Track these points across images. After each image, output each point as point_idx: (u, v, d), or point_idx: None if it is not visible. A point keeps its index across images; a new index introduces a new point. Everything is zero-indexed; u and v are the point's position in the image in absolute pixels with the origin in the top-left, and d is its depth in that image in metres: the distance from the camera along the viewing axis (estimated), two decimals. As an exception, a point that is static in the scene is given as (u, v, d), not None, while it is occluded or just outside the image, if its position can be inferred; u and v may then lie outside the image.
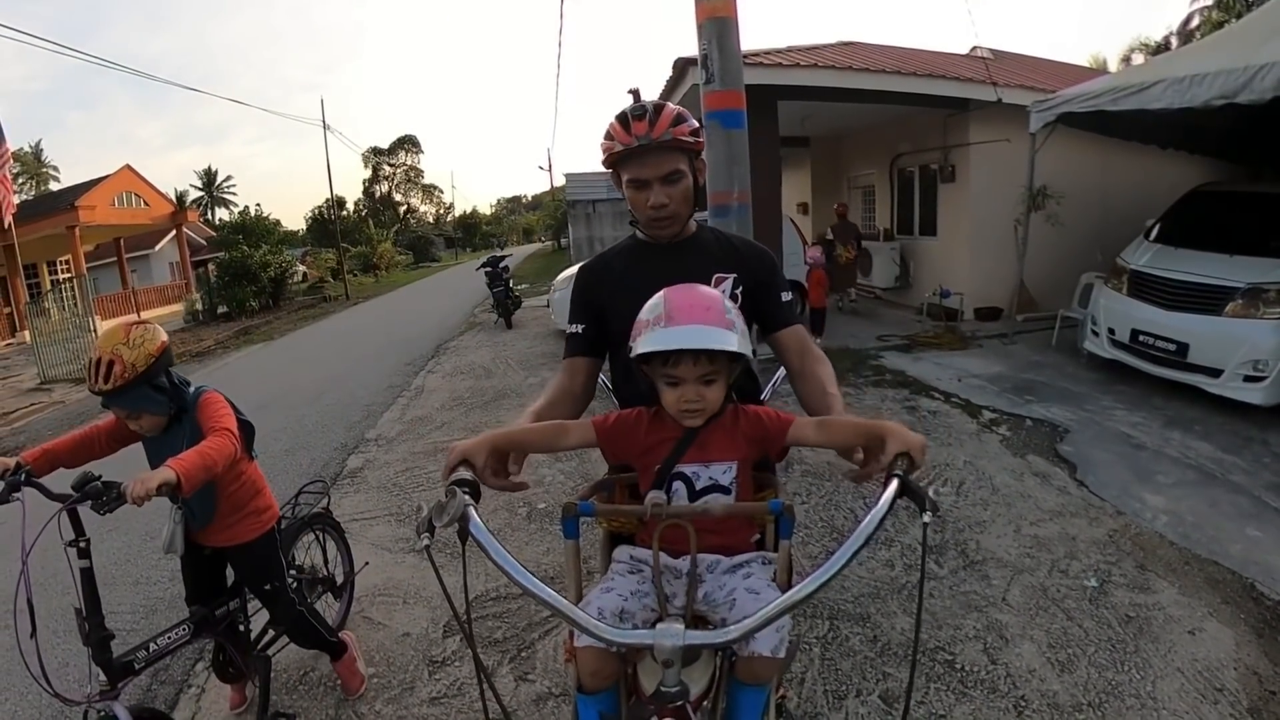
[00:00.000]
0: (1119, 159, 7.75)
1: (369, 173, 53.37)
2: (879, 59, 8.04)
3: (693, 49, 4.76)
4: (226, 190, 50.67)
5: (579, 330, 1.61)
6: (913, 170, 9.50)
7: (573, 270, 9.43)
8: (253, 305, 19.34)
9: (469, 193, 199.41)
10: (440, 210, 58.57)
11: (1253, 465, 3.77)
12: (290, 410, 6.83)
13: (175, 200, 26.24)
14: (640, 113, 1.45)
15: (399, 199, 55.35)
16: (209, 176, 49.76)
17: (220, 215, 46.30)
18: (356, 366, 9.03)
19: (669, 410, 1.26)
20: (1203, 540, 3.04)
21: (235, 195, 52.37)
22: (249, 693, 2.39)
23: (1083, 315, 6.04)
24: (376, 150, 53.24)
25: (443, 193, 58.82)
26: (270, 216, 29.38)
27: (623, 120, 1.46)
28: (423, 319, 13.54)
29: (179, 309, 20.60)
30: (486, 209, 78.50)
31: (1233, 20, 15.42)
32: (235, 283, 19.02)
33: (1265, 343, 4.27)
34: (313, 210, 41.96)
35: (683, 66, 7.18)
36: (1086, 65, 16.65)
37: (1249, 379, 4.34)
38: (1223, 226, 5.25)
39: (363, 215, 46.69)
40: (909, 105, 7.67)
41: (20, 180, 35.96)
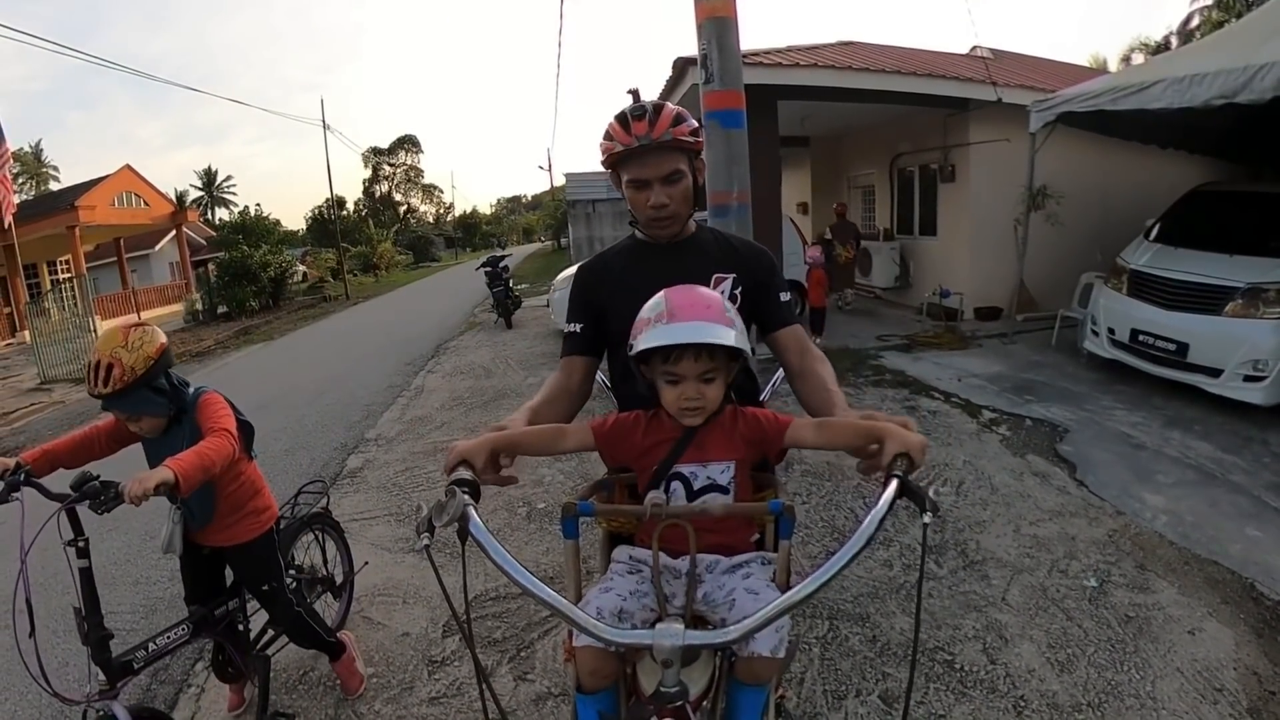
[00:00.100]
0: (1119, 159, 7.74)
1: (369, 173, 53.43)
2: (879, 59, 8.04)
3: (692, 49, 4.76)
4: (226, 190, 50.72)
5: (577, 329, 1.61)
6: (912, 170, 9.50)
7: (572, 270, 9.33)
8: (253, 305, 19.34)
9: (469, 193, 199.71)
10: (440, 210, 58.58)
11: (1252, 465, 3.77)
12: (290, 410, 6.83)
13: (175, 200, 26.22)
14: (640, 113, 1.45)
15: (399, 199, 55.33)
16: (209, 176, 49.76)
17: (220, 215, 46.32)
18: (356, 366, 9.03)
19: (669, 409, 1.26)
20: (1202, 540, 3.04)
21: (235, 195, 52.50)
22: (248, 694, 2.39)
23: (1083, 315, 6.04)
24: (376, 150, 53.24)
25: (443, 192, 58.90)
26: (270, 216, 29.49)
27: (622, 120, 1.45)
28: (423, 319, 13.53)
29: (179, 309, 20.59)
30: (486, 209, 78.59)
31: (1233, 20, 15.41)
32: (235, 283, 19.01)
33: (1265, 342, 4.28)
34: (313, 210, 42.02)
35: (682, 66, 7.18)
36: (1086, 65, 16.63)
37: (1249, 379, 4.34)
38: (1223, 226, 5.25)
39: (363, 215, 46.68)
40: (909, 105, 7.67)
41: (20, 180, 35.96)
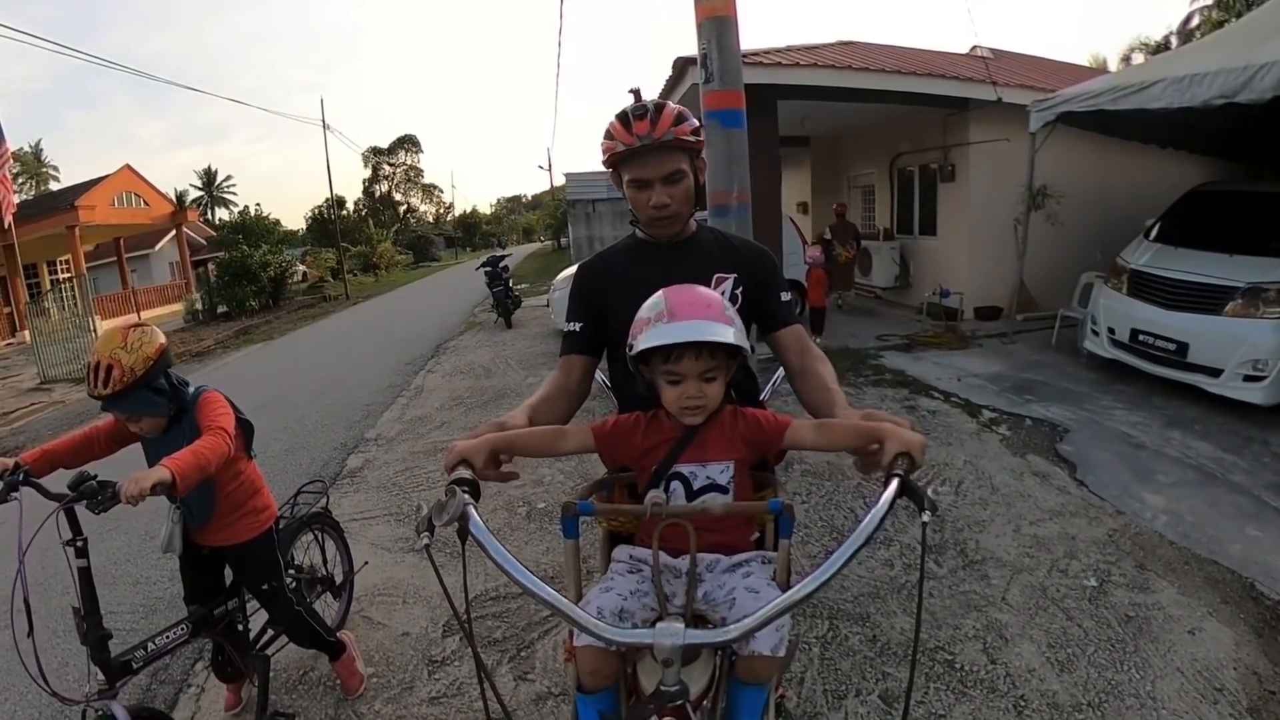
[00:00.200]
0: (1119, 159, 7.74)
1: (369, 172, 53.43)
2: (879, 58, 8.04)
3: (692, 48, 4.76)
4: (226, 190, 50.70)
5: (577, 328, 1.61)
6: (912, 170, 9.50)
7: (572, 270, 9.33)
8: (252, 305, 19.32)
9: (469, 192, 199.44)
10: (440, 210, 58.56)
11: (1252, 465, 3.77)
12: (290, 410, 6.83)
13: (175, 200, 26.20)
14: (641, 112, 1.44)
15: (399, 199, 55.31)
16: (209, 176, 49.75)
17: (220, 215, 46.29)
18: (356, 366, 9.02)
19: (670, 408, 1.26)
20: (1202, 540, 3.04)
21: (235, 195, 52.43)
22: (245, 693, 2.39)
23: (1082, 315, 6.04)
24: (376, 150, 53.23)
25: (442, 192, 58.89)
26: (270, 216, 29.47)
27: (623, 120, 1.45)
28: (422, 318, 13.53)
29: (179, 309, 20.58)
30: (486, 208, 78.55)
31: (1233, 20, 15.41)
32: (235, 282, 19.00)
33: (1265, 342, 4.27)
34: (313, 210, 42.01)
35: (682, 66, 7.17)
36: (1086, 65, 16.61)
37: (1249, 378, 4.34)
38: (1223, 226, 5.25)
39: (363, 215, 46.67)
40: (909, 105, 7.66)
41: (20, 180, 35.94)
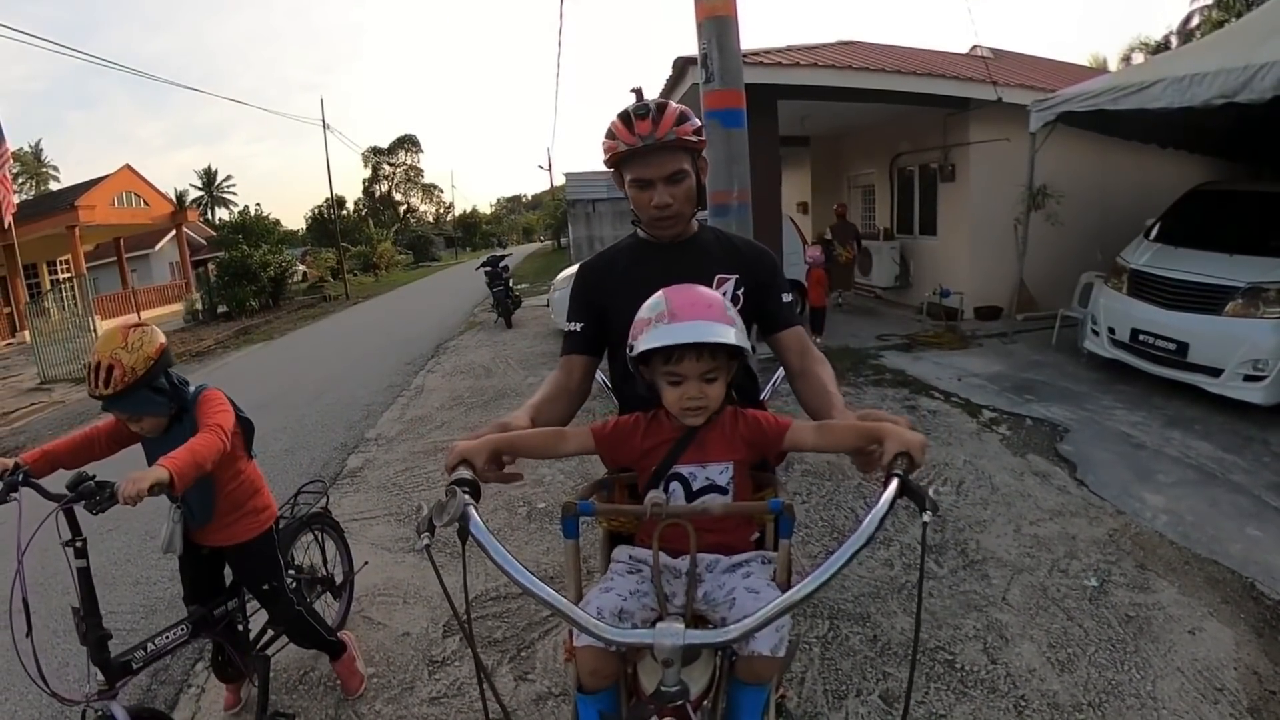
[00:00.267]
0: (1119, 158, 7.74)
1: (369, 172, 53.43)
2: (879, 58, 8.04)
3: (693, 48, 4.76)
4: (226, 190, 50.69)
5: (578, 328, 1.60)
6: (912, 169, 9.49)
7: (572, 269, 9.37)
8: (252, 305, 19.32)
9: (469, 192, 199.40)
10: (440, 210, 58.55)
11: (1253, 465, 3.77)
12: (290, 410, 6.83)
13: (175, 200, 26.20)
14: (643, 112, 1.43)
15: (399, 198, 55.32)
16: (209, 176, 49.74)
17: (220, 215, 46.29)
18: (356, 366, 9.02)
19: (671, 409, 1.26)
20: (1203, 540, 3.04)
21: (235, 195, 52.45)
22: (245, 694, 2.39)
23: (1083, 314, 6.04)
24: (376, 150, 53.23)
25: (442, 192, 58.89)
26: (270, 216, 29.45)
27: (625, 119, 1.44)
28: (422, 318, 13.53)
29: (179, 309, 20.58)
30: (486, 208, 78.54)
31: (1233, 19, 15.41)
32: (235, 282, 19.00)
33: (1265, 342, 4.27)
34: (313, 210, 42.01)
35: (682, 66, 7.18)
36: (1086, 64, 16.62)
37: (1249, 378, 4.34)
38: (1223, 226, 5.25)
39: (363, 215, 46.68)
40: (909, 104, 7.66)
41: (20, 180, 35.93)
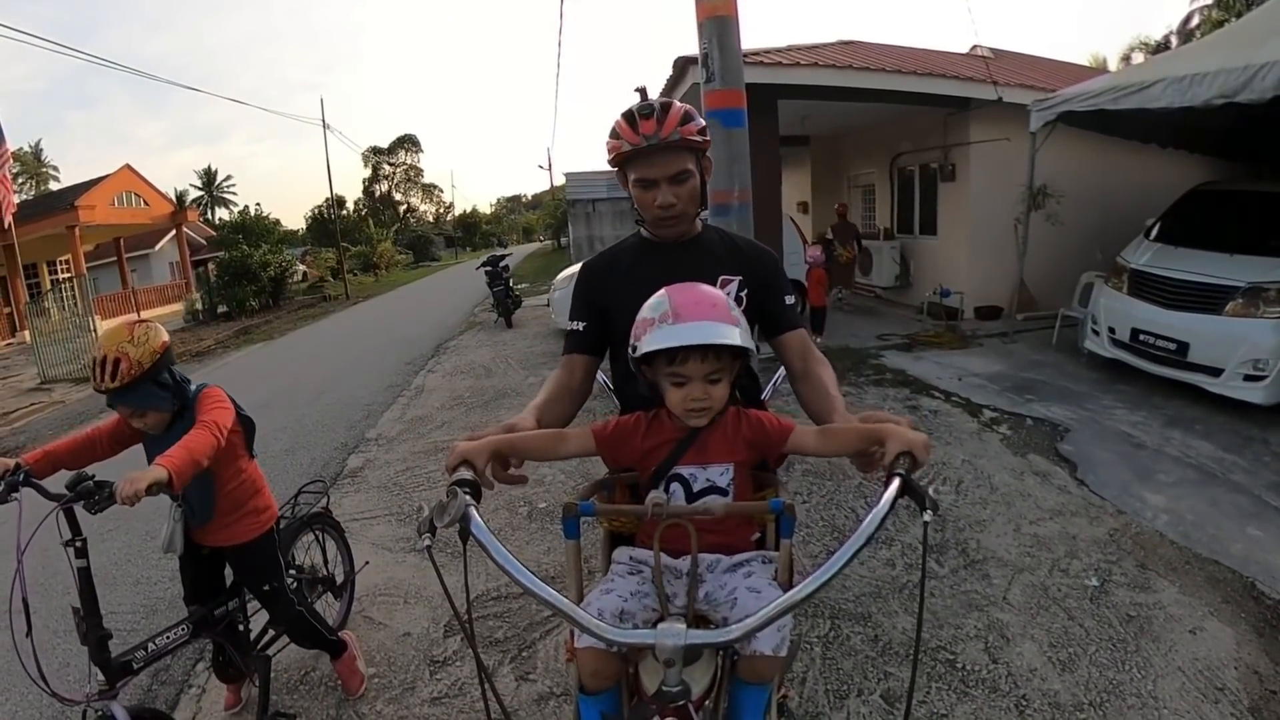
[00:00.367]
0: (1119, 158, 7.74)
1: (369, 172, 53.41)
2: (879, 58, 8.04)
3: (693, 48, 4.76)
4: (226, 190, 50.69)
5: (580, 327, 1.60)
6: (913, 169, 9.49)
7: (572, 269, 9.43)
8: (253, 305, 19.32)
9: (469, 192, 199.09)
10: (440, 209, 58.54)
11: (1253, 464, 3.77)
12: (290, 409, 6.83)
13: (175, 200, 26.20)
14: (648, 111, 1.43)
15: (399, 198, 55.31)
16: (209, 176, 49.74)
17: (220, 215, 46.30)
18: (357, 366, 9.02)
19: (674, 410, 1.25)
20: (1203, 539, 3.04)
21: (235, 195, 52.46)
22: (246, 694, 2.39)
23: (1083, 314, 6.04)
24: (376, 150, 53.23)
25: (442, 192, 58.87)
26: (270, 216, 29.48)
27: (630, 119, 1.44)
28: (423, 318, 13.53)
29: (179, 308, 20.58)
30: (486, 208, 78.50)
31: (1233, 19, 15.41)
32: (235, 282, 19.00)
33: (1265, 342, 4.27)
34: (313, 210, 42.00)
35: (683, 65, 7.17)
36: (1086, 64, 16.61)
37: (1249, 378, 4.34)
38: (1223, 225, 5.25)
39: (362, 215, 46.63)
40: (909, 104, 7.66)
41: (20, 180, 35.93)
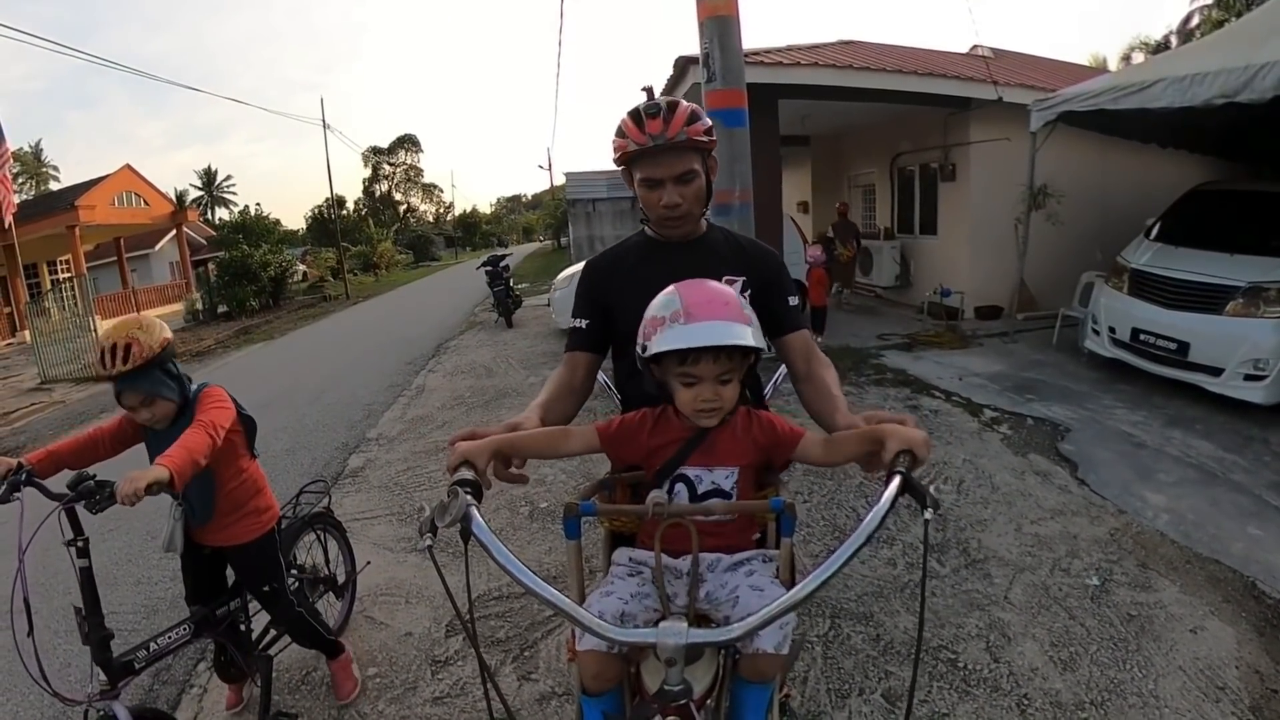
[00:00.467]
0: (1119, 158, 7.74)
1: (369, 172, 53.47)
2: (879, 58, 8.04)
3: (694, 48, 4.76)
4: (226, 190, 50.71)
5: (583, 325, 1.60)
6: (913, 169, 9.49)
7: (573, 269, 9.44)
8: (253, 305, 19.32)
9: (469, 192, 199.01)
10: (440, 209, 58.55)
11: (1254, 464, 3.77)
12: (291, 409, 6.83)
13: (175, 200, 26.18)
14: (654, 111, 1.42)
15: (399, 198, 55.35)
16: (209, 176, 49.75)
17: (220, 215, 46.32)
18: (357, 366, 9.02)
19: (684, 410, 1.23)
20: (1204, 539, 3.04)
21: (235, 195, 52.49)
22: (247, 694, 2.39)
23: (1083, 314, 6.04)
24: (376, 149, 53.28)
25: (442, 192, 58.89)
26: (270, 216, 29.52)
27: (636, 118, 1.43)
28: (423, 318, 13.53)
29: (179, 308, 20.57)
30: (486, 208, 78.53)
31: (1233, 19, 15.41)
32: (235, 282, 19.00)
33: (1266, 341, 4.27)
34: (313, 209, 42.06)
35: (684, 65, 7.17)
36: (1087, 64, 16.61)
37: (1249, 378, 4.34)
38: (1223, 225, 5.25)
39: (363, 214, 46.66)
40: (909, 104, 7.67)
41: (20, 180, 35.93)
